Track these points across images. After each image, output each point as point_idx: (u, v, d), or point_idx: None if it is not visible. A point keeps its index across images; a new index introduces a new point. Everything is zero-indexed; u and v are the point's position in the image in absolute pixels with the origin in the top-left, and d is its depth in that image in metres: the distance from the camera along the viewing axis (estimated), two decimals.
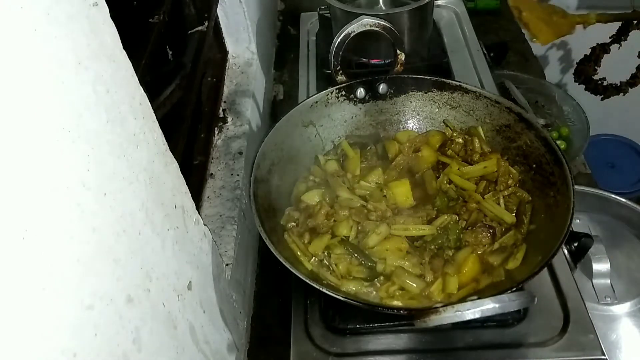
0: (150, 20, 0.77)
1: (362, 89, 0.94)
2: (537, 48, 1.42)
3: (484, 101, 0.90)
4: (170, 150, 0.57)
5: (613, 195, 1.02)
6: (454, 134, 0.91)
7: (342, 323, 0.77)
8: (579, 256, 0.90)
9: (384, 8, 1.32)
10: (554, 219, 0.74)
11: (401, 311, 0.70)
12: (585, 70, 1.64)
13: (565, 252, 0.87)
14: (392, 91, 0.95)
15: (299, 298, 0.81)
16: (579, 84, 1.71)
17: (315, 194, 0.85)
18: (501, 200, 0.81)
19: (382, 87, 0.95)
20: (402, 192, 0.84)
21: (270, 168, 0.84)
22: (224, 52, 1.21)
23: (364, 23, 0.87)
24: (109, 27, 0.45)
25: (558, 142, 1.22)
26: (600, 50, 1.60)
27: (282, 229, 0.80)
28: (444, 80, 0.92)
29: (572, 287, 0.78)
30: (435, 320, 0.59)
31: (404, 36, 1.16)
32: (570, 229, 0.69)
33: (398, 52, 0.92)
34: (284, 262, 0.68)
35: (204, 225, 0.68)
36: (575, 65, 1.71)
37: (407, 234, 0.78)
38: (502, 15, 1.59)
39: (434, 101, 0.94)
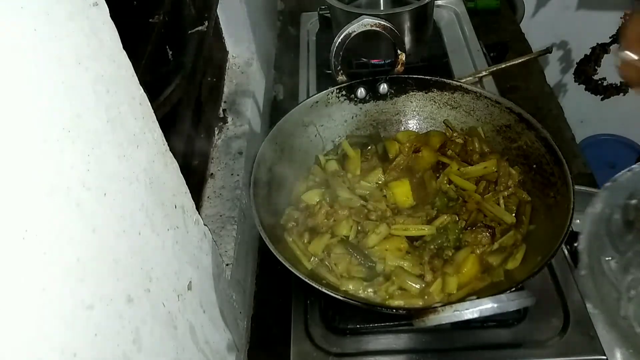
0: (150, 20, 0.77)
1: (362, 89, 0.94)
2: (536, 48, 1.42)
3: (484, 101, 0.90)
4: (170, 150, 0.57)
5: None
6: (454, 134, 0.91)
7: (342, 323, 0.77)
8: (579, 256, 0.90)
9: (384, 8, 1.32)
10: (553, 219, 0.74)
11: (400, 311, 0.70)
12: (585, 70, 1.64)
13: (565, 252, 0.87)
14: (392, 91, 0.95)
15: (299, 298, 0.81)
16: (579, 84, 1.70)
17: (315, 193, 0.85)
18: (501, 201, 0.81)
19: (382, 87, 0.95)
20: (402, 192, 0.84)
21: (270, 168, 0.84)
22: (224, 52, 1.21)
23: (365, 23, 0.87)
24: (109, 27, 0.45)
25: None
26: (600, 50, 1.60)
27: (282, 229, 0.80)
28: (445, 80, 0.93)
29: (572, 287, 0.78)
30: (433, 319, 0.59)
31: (404, 36, 1.16)
32: (570, 229, 0.69)
33: (399, 52, 0.92)
34: (284, 262, 0.68)
35: (204, 225, 0.68)
36: (575, 65, 1.71)
37: (406, 234, 0.78)
38: (502, 15, 1.59)
39: (434, 101, 0.94)
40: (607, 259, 0.66)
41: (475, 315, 0.58)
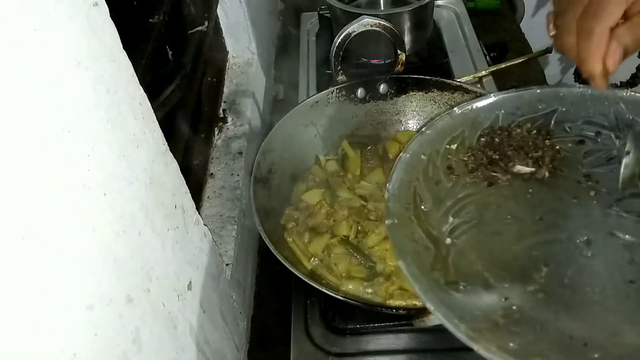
0: (150, 20, 0.77)
1: (362, 89, 0.94)
2: (536, 48, 1.42)
3: None
4: (170, 150, 0.57)
5: None
6: None
7: (342, 323, 0.77)
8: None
9: (384, 8, 1.32)
10: None
11: (400, 311, 0.70)
12: None
13: None
14: (392, 91, 0.95)
15: (299, 298, 0.81)
16: (579, 84, 1.70)
17: (316, 193, 0.85)
18: None
19: (382, 87, 0.95)
20: None
21: (270, 168, 0.84)
22: (224, 52, 1.21)
23: (365, 23, 0.87)
24: (109, 27, 0.44)
25: None
26: None
27: (282, 228, 0.80)
28: (445, 80, 0.93)
29: None
30: (433, 319, 0.59)
31: (404, 36, 1.16)
32: None
33: (398, 52, 0.92)
34: (284, 262, 0.68)
35: (204, 225, 0.68)
36: (575, 65, 1.71)
37: None
38: (502, 15, 1.59)
39: (434, 101, 0.95)
40: (423, 207, 0.60)
41: None
